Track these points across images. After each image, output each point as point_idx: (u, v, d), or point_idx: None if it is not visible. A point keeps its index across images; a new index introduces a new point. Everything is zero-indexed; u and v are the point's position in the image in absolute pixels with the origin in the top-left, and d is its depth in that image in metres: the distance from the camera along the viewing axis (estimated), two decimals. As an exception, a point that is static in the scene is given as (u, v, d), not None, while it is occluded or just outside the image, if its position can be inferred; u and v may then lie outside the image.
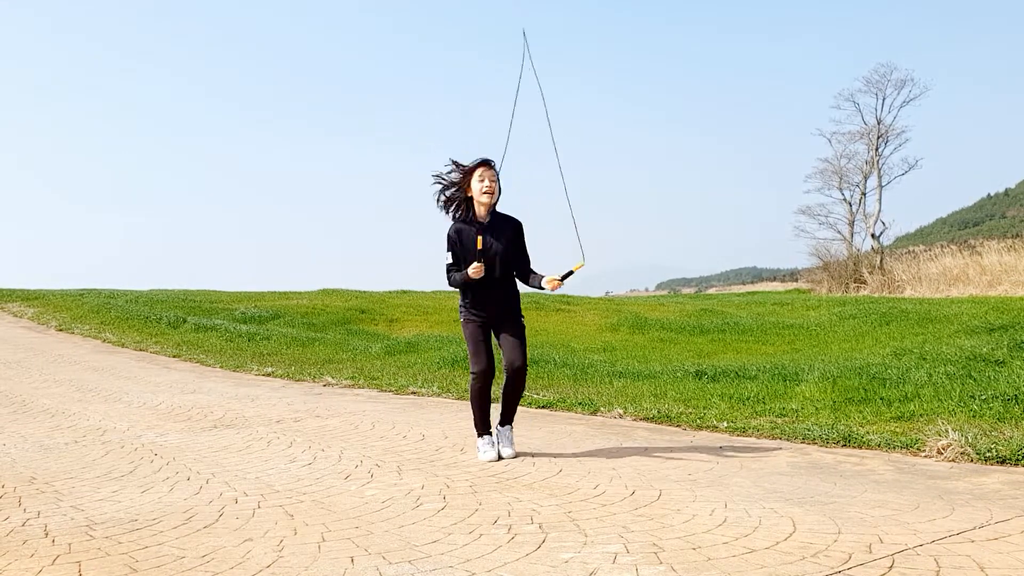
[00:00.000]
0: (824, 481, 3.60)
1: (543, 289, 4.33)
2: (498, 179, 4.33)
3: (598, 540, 2.80)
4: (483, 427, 4.44)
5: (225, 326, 13.94)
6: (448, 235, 4.36)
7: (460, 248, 4.32)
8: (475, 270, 4.21)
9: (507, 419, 4.45)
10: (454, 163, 4.37)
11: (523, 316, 4.45)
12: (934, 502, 3.18)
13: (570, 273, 4.27)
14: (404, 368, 9.33)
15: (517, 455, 4.36)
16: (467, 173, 4.31)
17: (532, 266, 4.43)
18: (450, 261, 4.38)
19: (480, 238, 4.27)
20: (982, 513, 2.98)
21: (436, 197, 4.40)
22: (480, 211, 4.34)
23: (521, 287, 4.46)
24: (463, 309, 4.40)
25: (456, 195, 4.36)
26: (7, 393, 7.75)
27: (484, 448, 4.39)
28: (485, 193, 4.27)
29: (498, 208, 4.39)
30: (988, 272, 23.29)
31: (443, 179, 4.37)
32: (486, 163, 4.31)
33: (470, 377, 4.37)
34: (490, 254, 4.27)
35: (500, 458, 4.33)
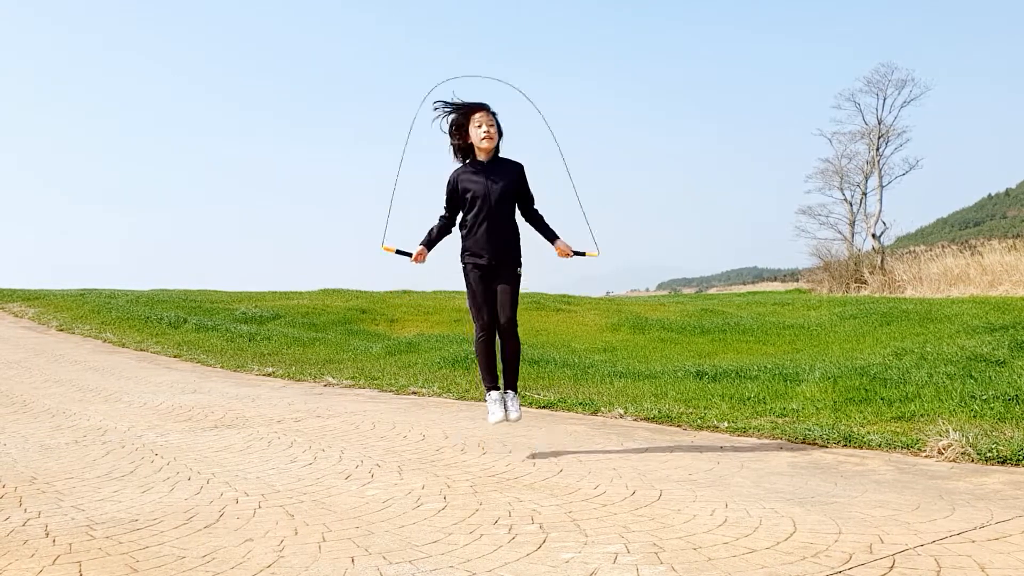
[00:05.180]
0: (825, 481, 3.60)
1: (551, 242, 4.42)
2: (497, 122, 4.35)
3: (599, 540, 2.80)
4: (490, 379, 4.46)
5: (226, 326, 13.94)
6: (448, 181, 4.40)
7: (456, 195, 4.36)
8: (417, 255, 4.38)
9: (509, 383, 4.45)
10: (450, 104, 4.35)
11: (521, 265, 4.42)
12: (935, 502, 3.18)
13: (583, 254, 4.41)
14: (405, 368, 9.33)
15: (527, 456, 4.36)
16: (464, 120, 4.32)
17: (546, 220, 4.47)
18: (445, 208, 4.44)
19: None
20: (983, 513, 2.98)
21: (450, 146, 4.44)
22: (480, 156, 4.36)
23: (523, 226, 4.47)
24: (462, 254, 4.40)
25: (460, 144, 4.38)
26: (8, 393, 7.76)
27: (492, 409, 4.41)
28: (484, 139, 4.29)
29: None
30: (989, 272, 23.27)
31: (447, 127, 4.38)
32: (482, 107, 4.32)
33: (475, 332, 4.41)
34: (488, 194, 4.28)
35: (507, 420, 4.38)
